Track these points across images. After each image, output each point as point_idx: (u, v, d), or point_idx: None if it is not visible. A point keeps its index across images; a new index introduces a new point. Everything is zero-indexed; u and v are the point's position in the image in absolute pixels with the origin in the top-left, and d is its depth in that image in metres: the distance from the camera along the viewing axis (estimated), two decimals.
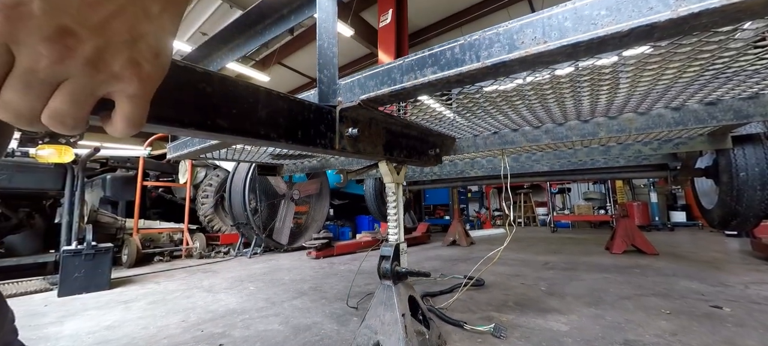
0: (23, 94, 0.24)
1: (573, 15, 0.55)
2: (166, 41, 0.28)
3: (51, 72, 0.24)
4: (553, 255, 3.01)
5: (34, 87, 0.24)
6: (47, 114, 0.26)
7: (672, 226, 6.60)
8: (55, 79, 0.24)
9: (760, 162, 1.81)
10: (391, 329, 0.91)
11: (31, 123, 0.26)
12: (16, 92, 0.24)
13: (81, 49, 0.24)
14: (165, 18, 0.27)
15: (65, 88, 0.25)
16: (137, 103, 0.28)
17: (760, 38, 0.83)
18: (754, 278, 1.92)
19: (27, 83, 0.24)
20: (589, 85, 1.10)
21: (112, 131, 0.30)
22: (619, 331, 1.15)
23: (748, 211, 1.89)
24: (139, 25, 0.26)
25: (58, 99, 0.25)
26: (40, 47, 0.22)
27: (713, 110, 1.31)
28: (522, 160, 2.61)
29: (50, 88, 0.25)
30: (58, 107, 0.25)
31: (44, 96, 0.25)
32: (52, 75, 0.24)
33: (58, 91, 0.25)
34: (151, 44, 0.27)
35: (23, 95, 0.24)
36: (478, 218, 9.33)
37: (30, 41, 0.22)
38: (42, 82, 0.24)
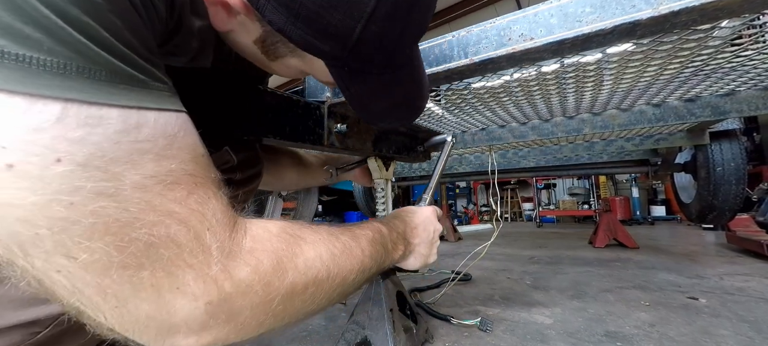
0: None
1: (559, 12, 0.55)
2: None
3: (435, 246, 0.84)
4: (539, 249, 3.06)
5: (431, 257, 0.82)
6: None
7: (652, 220, 6.79)
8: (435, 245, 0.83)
9: (736, 157, 1.87)
10: (379, 324, 0.92)
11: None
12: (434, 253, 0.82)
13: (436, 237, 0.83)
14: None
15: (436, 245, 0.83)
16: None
17: (737, 36, 0.86)
18: (728, 270, 1.99)
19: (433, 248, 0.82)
20: (574, 82, 1.12)
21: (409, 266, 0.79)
22: (600, 323, 1.19)
23: (724, 205, 1.95)
24: (435, 246, 0.83)
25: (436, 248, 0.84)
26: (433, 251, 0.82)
27: (692, 107, 1.35)
28: (509, 156, 2.64)
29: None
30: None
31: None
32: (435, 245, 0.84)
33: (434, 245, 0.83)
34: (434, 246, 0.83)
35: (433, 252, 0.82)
36: (465, 213, 9.42)
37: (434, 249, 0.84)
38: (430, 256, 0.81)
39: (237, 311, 0.35)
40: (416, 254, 0.76)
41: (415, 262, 0.76)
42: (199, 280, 0.33)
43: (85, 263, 0.28)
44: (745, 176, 1.89)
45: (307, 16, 0.40)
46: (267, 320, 0.39)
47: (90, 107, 0.27)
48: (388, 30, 0.43)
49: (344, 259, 0.49)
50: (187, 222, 0.32)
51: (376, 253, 0.58)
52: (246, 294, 0.36)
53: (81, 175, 0.26)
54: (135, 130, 0.29)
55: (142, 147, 0.30)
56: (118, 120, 0.28)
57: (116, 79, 0.29)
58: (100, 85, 0.28)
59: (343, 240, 0.51)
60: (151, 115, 0.31)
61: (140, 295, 0.30)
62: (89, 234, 0.27)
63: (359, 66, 0.48)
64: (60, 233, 0.26)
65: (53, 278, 0.28)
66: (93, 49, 0.27)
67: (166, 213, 0.31)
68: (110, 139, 0.28)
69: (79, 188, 0.26)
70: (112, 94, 0.28)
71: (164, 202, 0.31)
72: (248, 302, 0.36)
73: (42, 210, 0.26)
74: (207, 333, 0.34)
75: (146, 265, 0.30)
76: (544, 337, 1.08)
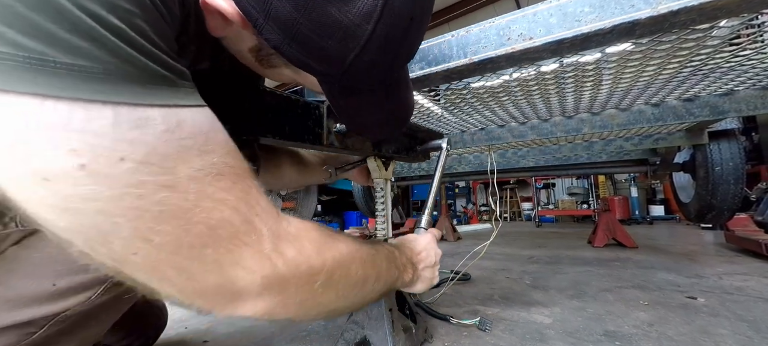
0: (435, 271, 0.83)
1: (558, 12, 0.55)
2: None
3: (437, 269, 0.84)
4: (538, 249, 3.07)
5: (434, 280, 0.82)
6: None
7: (651, 219, 6.80)
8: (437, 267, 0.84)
9: (734, 157, 1.88)
10: (378, 323, 0.92)
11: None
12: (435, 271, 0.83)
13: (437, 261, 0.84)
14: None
15: (437, 269, 0.83)
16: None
17: (735, 36, 0.86)
18: (727, 269, 2.00)
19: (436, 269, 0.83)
20: (574, 82, 1.12)
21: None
22: (599, 322, 1.19)
23: (722, 204, 1.96)
24: (436, 270, 0.83)
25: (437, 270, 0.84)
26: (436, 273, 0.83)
27: (691, 107, 1.36)
28: (508, 156, 2.64)
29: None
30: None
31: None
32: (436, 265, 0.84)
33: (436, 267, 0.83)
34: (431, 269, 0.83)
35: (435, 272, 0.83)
36: (465, 213, 9.43)
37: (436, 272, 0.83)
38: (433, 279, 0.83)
39: (286, 286, 0.42)
40: (423, 279, 0.80)
41: (421, 286, 0.81)
42: (256, 257, 0.38)
43: (159, 245, 0.32)
44: (744, 176, 1.89)
45: (302, 40, 0.42)
46: (307, 301, 0.45)
47: (136, 109, 0.30)
48: (380, 59, 0.45)
49: (368, 264, 0.55)
50: (237, 208, 0.37)
51: (391, 270, 0.64)
52: (294, 272, 0.42)
53: (143, 170, 0.30)
54: (177, 128, 0.33)
55: (186, 144, 0.33)
56: (162, 120, 0.32)
57: (154, 80, 0.32)
58: (141, 87, 0.31)
59: (366, 248, 0.57)
60: (186, 113, 0.34)
61: (207, 269, 0.35)
62: (159, 220, 0.32)
63: (350, 84, 0.50)
64: (135, 220, 0.31)
65: (130, 260, 0.32)
66: (132, 54, 0.30)
67: (218, 200, 0.35)
68: (159, 138, 0.31)
69: (144, 181, 0.30)
70: (153, 95, 0.32)
71: (215, 191, 0.35)
72: (295, 280, 0.42)
73: (117, 202, 0.30)
74: (261, 302, 0.41)
75: (209, 244, 0.35)
76: (544, 336, 1.08)
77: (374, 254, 0.59)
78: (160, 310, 1.12)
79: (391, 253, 0.68)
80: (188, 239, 0.33)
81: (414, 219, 4.94)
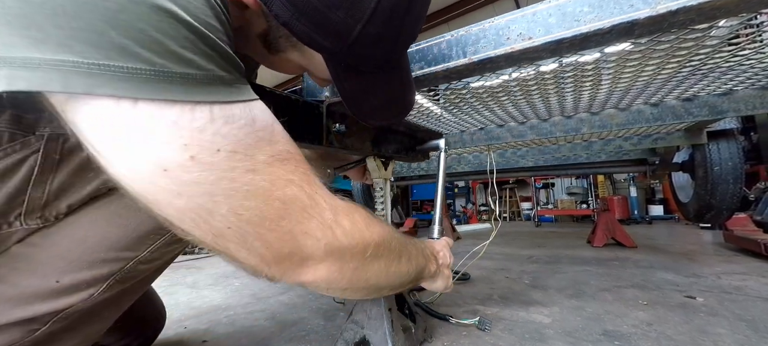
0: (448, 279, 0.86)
1: (557, 12, 0.55)
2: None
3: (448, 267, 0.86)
4: (537, 249, 3.07)
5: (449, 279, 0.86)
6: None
7: (650, 219, 6.81)
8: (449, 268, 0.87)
9: (733, 157, 1.88)
10: (378, 323, 0.92)
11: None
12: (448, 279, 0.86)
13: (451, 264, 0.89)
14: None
15: (448, 270, 0.86)
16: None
17: (734, 36, 0.86)
18: (725, 269, 2.00)
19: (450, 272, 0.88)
20: (573, 82, 1.12)
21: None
22: (598, 322, 1.19)
23: (721, 204, 1.96)
24: (450, 281, 0.86)
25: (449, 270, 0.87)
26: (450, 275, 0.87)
27: (690, 106, 1.36)
28: (507, 156, 2.64)
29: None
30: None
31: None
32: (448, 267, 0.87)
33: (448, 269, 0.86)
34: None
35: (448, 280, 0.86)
36: (464, 213, 9.43)
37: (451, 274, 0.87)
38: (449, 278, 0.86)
39: (343, 253, 0.48)
40: (443, 276, 0.84)
41: (441, 283, 0.84)
42: (320, 227, 0.45)
43: (247, 218, 0.39)
44: (743, 175, 1.89)
45: (311, 13, 0.45)
46: (359, 269, 0.52)
47: (224, 107, 0.37)
48: (384, 32, 0.49)
49: (403, 246, 0.63)
50: (302, 186, 0.44)
51: (420, 257, 0.71)
52: (350, 240, 0.49)
53: (234, 158, 0.37)
54: (253, 122, 0.39)
55: (260, 135, 0.40)
56: (241, 115, 0.38)
57: (232, 81, 0.38)
58: (227, 87, 0.37)
59: (399, 233, 0.64)
60: (256, 108, 0.41)
61: (283, 238, 0.42)
62: (247, 197, 0.38)
63: (355, 62, 0.54)
64: (230, 198, 0.37)
65: (226, 233, 0.39)
66: (220, 62, 0.37)
67: (288, 181, 0.42)
68: (242, 130, 0.38)
69: (235, 167, 0.37)
70: (234, 93, 0.38)
71: (285, 173, 0.42)
72: (351, 247, 0.49)
73: (217, 184, 0.36)
74: (323, 267, 0.47)
75: (284, 216, 0.42)
76: (543, 336, 1.08)
77: (406, 240, 0.66)
78: (158, 311, 1.11)
79: (420, 242, 0.75)
80: (269, 212, 0.40)
81: (414, 219, 4.94)
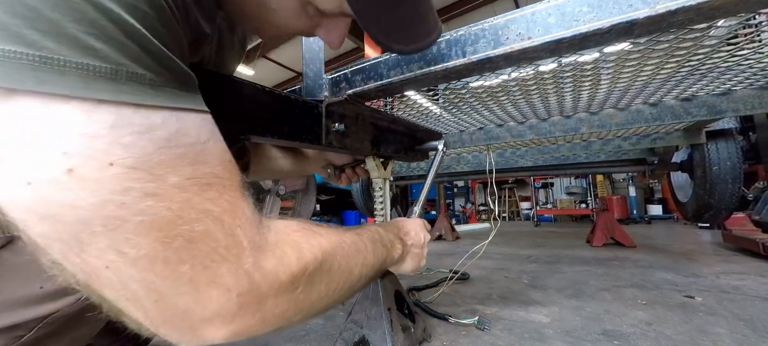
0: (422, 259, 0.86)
1: (556, 11, 0.55)
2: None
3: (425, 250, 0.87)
4: (537, 249, 3.07)
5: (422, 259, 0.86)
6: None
7: (649, 219, 6.82)
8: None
9: (732, 156, 1.88)
10: (377, 323, 0.92)
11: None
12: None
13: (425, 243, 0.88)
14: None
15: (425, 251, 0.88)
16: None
17: (733, 36, 0.86)
18: (724, 269, 2.00)
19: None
20: (572, 82, 1.13)
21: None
22: (597, 322, 1.19)
23: (720, 203, 1.96)
24: (425, 251, 0.87)
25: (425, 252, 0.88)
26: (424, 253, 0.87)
27: (689, 106, 1.36)
28: (507, 155, 2.65)
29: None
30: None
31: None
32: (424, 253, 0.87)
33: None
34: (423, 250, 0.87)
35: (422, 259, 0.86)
36: (463, 212, 9.43)
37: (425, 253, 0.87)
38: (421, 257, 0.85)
39: (263, 300, 0.38)
40: (412, 255, 0.81)
41: (411, 263, 0.81)
42: (232, 272, 0.35)
43: (132, 259, 0.30)
44: (741, 175, 1.90)
45: None
46: (289, 310, 0.42)
47: (139, 111, 0.30)
48: None
49: (352, 252, 0.54)
50: (221, 219, 0.35)
51: (378, 250, 0.63)
52: (272, 284, 0.39)
53: (131, 176, 0.29)
54: (176, 135, 0.32)
55: (180, 152, 0.32)
56: (163, 124, 0.31)
57: (159, 83, 0.31)
58: (147, 90, 0.30)
59: (349, 236, 0.56)
60: (189, 120, 0.34)
61: (180, 289, 0.32)
62: (138, 231, 0.29)
63: None
64: (113, 230, 0.29)
65: (102, 275, 0.30)
66: (142, 57, 0.30)
67: (203, 211, 0.33)
68: (155, 144, 0.30)
69: (130, 188, 0.29)
70: (159, 97, 0.31)
71: (201, 201, 0.33)
72: (274, 291, 0.39)
73: (98, 210, 0.28)
74: (236, 324, 0.37)
75: (186, 259, 0.32)
76: (542, 336, 1.08)
77: (357, 240, 0.57)
78: None
79: (376, 232, 0.67)
80: (165, 253, 0.31)
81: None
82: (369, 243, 0.60)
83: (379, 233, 0.68)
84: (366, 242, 0.60)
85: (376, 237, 0.66)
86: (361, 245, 0.58)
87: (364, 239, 0.60)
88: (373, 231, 0.66)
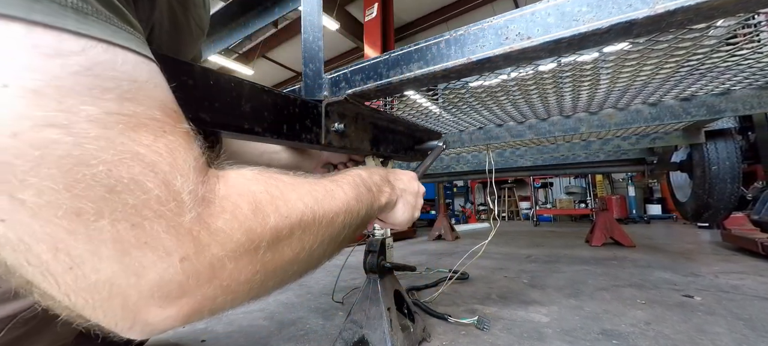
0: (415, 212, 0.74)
1: (556, 11, 0.55)
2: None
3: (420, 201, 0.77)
4: (536, 248, 3.07)
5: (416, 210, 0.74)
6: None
7: (648, 218, 6.83)
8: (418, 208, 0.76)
9: (731, 156, 1.89)
10: (377, 323, 0.92)
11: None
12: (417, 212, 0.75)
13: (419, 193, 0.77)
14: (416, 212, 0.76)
15: (420, 201, 0.77)
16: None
17: (732, 36, 0.86)
18: (723, 268, 2.01)
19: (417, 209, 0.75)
20: (571, 81, 1.13)
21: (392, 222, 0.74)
22: (596, 321, 1.19)
23: (719, 203, 1.97)
24: (419, 201, 0.77)
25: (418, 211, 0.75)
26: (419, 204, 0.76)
27: (688, 106, 1.36)
28: (506, 155, 2.65)
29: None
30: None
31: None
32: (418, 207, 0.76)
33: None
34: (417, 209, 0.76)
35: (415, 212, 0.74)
36: (463, 212, 9.44)
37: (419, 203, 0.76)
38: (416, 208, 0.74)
39: (219, 265, 0.31)
40: (404, 202, 0.70)
41: (403, 210, 0.69)
42: (171, 231, 0.28)
43: (30, 207, 0.23)
44: (740, 175, 1.90)
45: None
46: (257, 276, 0.35)
47: (53, 33, 0.24)
48: None
49: (328, 200, 0.45)
50: (154, 166, 0.27)
51: (361, 195, 0.54)
52: (226, 243, 0.31)
53: (31, 102, 0.23)
54: (99, 65, 0.26)
55: (105, 85, 0.26)
56: (81, 51, 0.25)
57: (85, 10, 0.26)
58: (68, 13, 0.25)
59: (323, 183, 0.48)
60: (123, 56, 0.28)
61: (100, 251, 0.25)
62: (36, 170, 0.23)
63: None
64: (2, 169, 0.22)
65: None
66: None
67: (129, 154, 0.26)
68: (68, 70, 0.24)
69: (27, 116, 0.23)
70: (80, 23, 0.25)
71: (126, 141, 0.26)
72: (230, 253, 0.32)
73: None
74: (188, 298, 0.29)
75: (105, 212, 0.25)
76: (541, 335, 1.09)
77: (333, 185, 0.49)
78: None
79: (358, 176, 0.59)
80: (74, 202, 0.24)
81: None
82: (349, 188, 0.52)
83: (361, 177, 0.59)
84: (345, 188, 0.51)
85: (358, 181, 0.57)
86: (339, 191, 0.49)
87: (342, 183, 0.52)
88: (354, 175, 0.58)
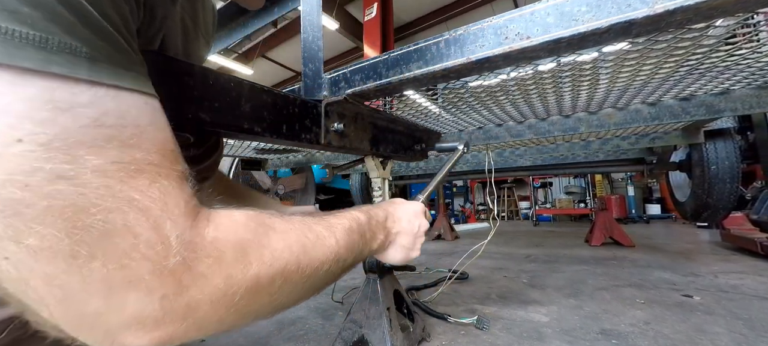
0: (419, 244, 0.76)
1: (555, 11, 0.55)
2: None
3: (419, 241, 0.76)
4: (535, 248, 3.08)
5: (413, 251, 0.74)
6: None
7: (648, 218, 6.83)
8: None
9: (730, 156, 1.89)
10: (376, 322, 0.92)
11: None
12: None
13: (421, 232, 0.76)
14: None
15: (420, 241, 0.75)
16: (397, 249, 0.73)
17: (731, 35, 0.86)
18: (722, 268, 2.01)
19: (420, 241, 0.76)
20: (571, 81, 1.13)
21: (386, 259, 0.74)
22: (596, 321, 1.19)
23: (718, 203, 1.97)
24: (419, 241, 0.75)
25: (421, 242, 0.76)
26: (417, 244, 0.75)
27: (687, 106, 1.36)
28: (506, 155, 2.65)
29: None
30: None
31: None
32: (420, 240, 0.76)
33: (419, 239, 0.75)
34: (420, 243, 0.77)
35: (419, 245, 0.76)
36: (462, 212, 9.43)
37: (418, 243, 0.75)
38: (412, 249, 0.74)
39: (195, 305, 0.33)
40: (396, 246, 0.71)
41: (395, 254, 0.71)
42: (155, 272, 0.30)
43: (34, 249, 0.26)
44: (739, 175, 1.90)
45: None
46: (229, 317, 0.37)
47: (67, 84, 0.27)
48: None
49: (317, 250, 0.46)
50: (146, 211, 0.30)
51: (352, 242, 0.55)
52: (205, 288, 0.34)
53: (41, 156, 0.25)
54: (105, 115, 0.29)
55: (108, 133, 0.29)
56: (91, 102, 0.28)
57: (94, 58, 0.28)
58: (79, 62, 0.27)
59: (316, 230, 0.48)
60: (127, 100, 0.30)
61: (89, 288, 0.28)
62: (41, 218, 0.26)
63: None
64: (12, 216, 0.25)
65: (1, 266, 0.27)
66: (78, 28, 0.27)
67: (125, 200, 0.29)
68: (77, 122, 0.27)
69: (38, 169, 0.25)
70: (93, 72, 0.28)
71: (124, 189, 0.29)
72: (207, 296, 0.34)
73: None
74: (161, 332, 0.32)
75: (98, 255, 0.28)
76: (541, 335, 1.09)
77: (327, 232, 0.50)
78: None
79: (355, 220, 0.59)
80: (73, 246, 0.27)
81: None
82: (342, 236, 0.53)
83: (358, 222, 0.59)
84: (338, 236, 0.52)
85: (354, 226, 0.57)
86: (331, 239, 0.50)
87: (337, 231, 0.52)
88: (351, 219, 0.58)
